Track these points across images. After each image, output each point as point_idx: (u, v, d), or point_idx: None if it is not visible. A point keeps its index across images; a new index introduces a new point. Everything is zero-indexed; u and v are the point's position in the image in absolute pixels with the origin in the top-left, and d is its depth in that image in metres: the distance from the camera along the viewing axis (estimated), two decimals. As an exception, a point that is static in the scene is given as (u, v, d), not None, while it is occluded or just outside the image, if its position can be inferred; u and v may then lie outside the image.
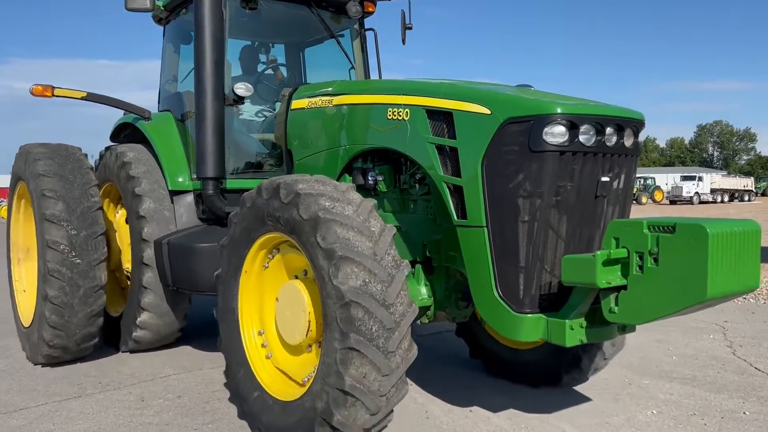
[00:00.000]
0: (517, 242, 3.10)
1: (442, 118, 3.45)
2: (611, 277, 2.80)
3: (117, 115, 6.12)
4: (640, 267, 2.75)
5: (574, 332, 3.02)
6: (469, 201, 3.24)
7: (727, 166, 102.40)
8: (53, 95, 5.26)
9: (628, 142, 3.30)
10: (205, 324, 6.34)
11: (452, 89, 3.47)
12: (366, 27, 6.09)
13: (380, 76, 6.17)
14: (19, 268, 5.94)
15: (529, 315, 3.12)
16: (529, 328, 3.11)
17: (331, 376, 2.94)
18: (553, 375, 4.24)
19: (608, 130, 3.17)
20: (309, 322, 3.31)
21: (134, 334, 5.27)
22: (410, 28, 6.15)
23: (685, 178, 52.02)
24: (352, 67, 6.00)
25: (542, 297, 3.16)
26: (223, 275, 3.78)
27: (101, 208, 5.09)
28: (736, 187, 57.18)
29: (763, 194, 65.83)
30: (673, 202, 49.14)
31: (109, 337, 5.51)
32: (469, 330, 4.88)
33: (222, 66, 4.80)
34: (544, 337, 3.12)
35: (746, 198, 56.92)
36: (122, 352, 5.51)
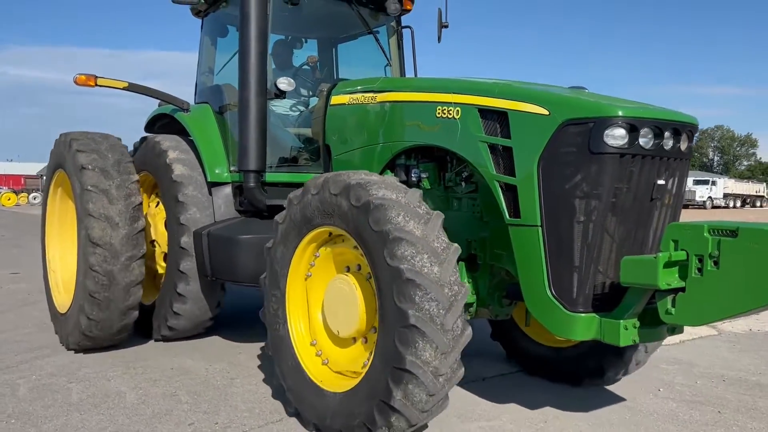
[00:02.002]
0: (572, 242, 3.14)
1: (495, 118, 3.48)
2: (670, 279, 2.82)
3: (117, 106, 6.21)
4: (699, 270, 2.77)
5: (627, 332, 3.06)
6: (523, 200, 3.27)
7: (727, 171, 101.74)
8: (96, 85, 5.32)
9: (683, 146, 3.33)
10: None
11: (507, 89, 3.49)
12: (403, 25, 6.12)
13: (416, 74, 6.21)
14: (54, 257, 6.01)
15: (583, 314, 3.15)
16: (583, 328, 3.15)
17: (389, 357, 3.00)
18: (595, 371, 4.24)
19: (666, 133, 3.20)
20: (360, 314, 3.36)
21: (169, 322, 5.34)
22: (446, 27, 6.17)
23: (698, 182, 51.65)
24: (388, 64, 6.03)
25: (595, 297, 3.19)
26: (270, 275, 3.82)
27: (137, 181, 5.20)
28: (748, 193, 56.90)
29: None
30: (685, 207, 48.73)
31: (140, 327, 5.51)
32: (505, 332, 4.90)
33: (266, 60, 4.84)
34: (597, 337, 3.15)
35: (758, 204, 56.60)
36: (155, 340, 5.57)
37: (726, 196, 52.18)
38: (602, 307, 3.20)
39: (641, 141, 3.10)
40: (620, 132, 3.04)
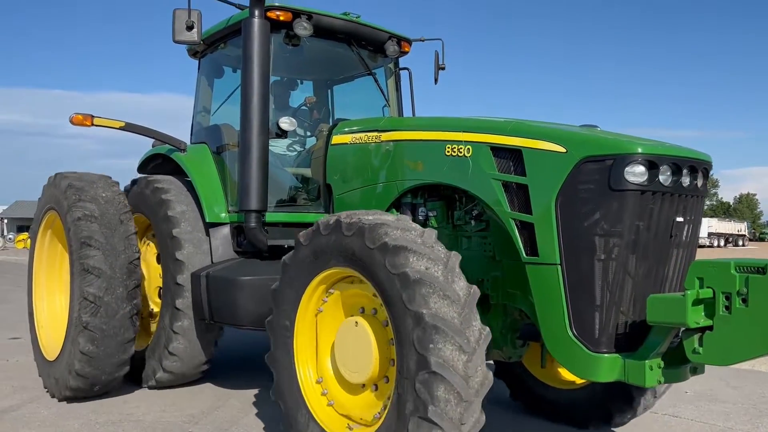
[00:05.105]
0: (592, 280, 3.07)
1: (508, 156, 3.45)
2: (698, 317, 2.76)
3: (79, 148, 6.12)
4: (727, 308, 2.72)
5: (653, 372, 2.98)
6: (541, 238, 3.22)
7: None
8: (92, 124, 5.25)
9: (699, 183, 3.32)
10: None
11: (520, 127, 3.48)
12: (401, 66, 6.16)
13: (413, 114, 6.22)
14: (41, 301, 5.82)
15: (606, 355, 3.07)
16: (606, 369, 3.06)
17: (408, 406, 2.89)
18: (602, 414, 4.17)
19: (684, 170, 3.19)
20: (374, 360, 3.23)
21: (159, 373, 5.19)
22: (443, 68, 6.24)
23: None
24: (386, 105, 6.03)
25: (617, 336, 3.12)
26: (276, 317, 3.69)
27: (136, 233, 5.09)
28: (731, 232, 57.66)
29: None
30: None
31: (128, 375, 5.27)
32: (510, 370, 4.79)
33: (267, 100, 4.81)
34: (621, 378, 3.06)
35: (740, 243, 57.30)
36: (145, 387, 5.37)
37: (710, 235, 52.77)
38: (624, 346, 3.12)
39: (661, 178, 3.08)
40: (640, 169, 3.02)
